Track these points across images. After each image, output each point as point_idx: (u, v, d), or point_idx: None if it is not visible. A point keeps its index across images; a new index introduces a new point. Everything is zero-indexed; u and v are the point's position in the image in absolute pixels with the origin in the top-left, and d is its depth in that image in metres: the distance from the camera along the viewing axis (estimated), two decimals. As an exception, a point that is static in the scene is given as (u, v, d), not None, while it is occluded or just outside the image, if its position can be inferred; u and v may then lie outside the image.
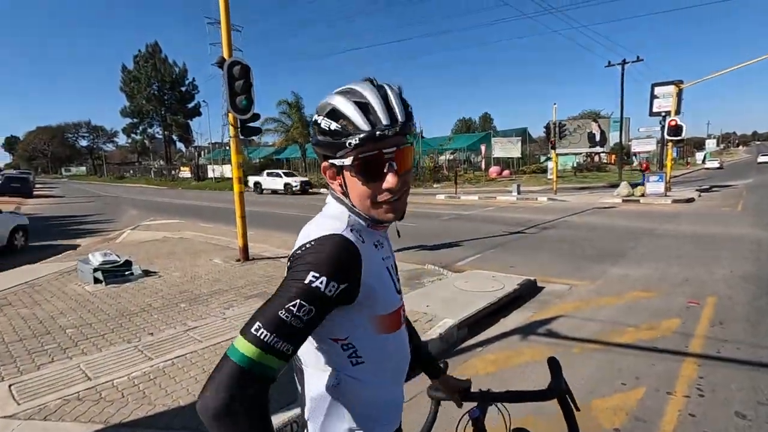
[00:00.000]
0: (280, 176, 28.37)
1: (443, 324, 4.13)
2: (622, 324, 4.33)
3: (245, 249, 7.36)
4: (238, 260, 7.30)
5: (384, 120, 0.82)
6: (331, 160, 0.87)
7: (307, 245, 0.82)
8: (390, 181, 0.84)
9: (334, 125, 0.83)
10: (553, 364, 1.13)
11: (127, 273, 6.19)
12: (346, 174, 0.87)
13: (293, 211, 16.88)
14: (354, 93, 0.85)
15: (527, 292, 5.41)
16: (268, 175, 29.06)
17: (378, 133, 0.81)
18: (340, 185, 0.89)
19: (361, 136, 0.81)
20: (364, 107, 0.83)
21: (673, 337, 3.95)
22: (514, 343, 3.99)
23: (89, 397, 2.96)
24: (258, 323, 0.73)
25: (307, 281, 0.76)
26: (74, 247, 10.03)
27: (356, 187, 0.87)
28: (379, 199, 0.87)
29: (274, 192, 27.82)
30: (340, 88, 0.88)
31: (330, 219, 0.88)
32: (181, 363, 3.47)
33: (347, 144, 0.82)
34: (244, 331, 0.74)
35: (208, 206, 20.87)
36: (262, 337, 0.72)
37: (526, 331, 4.25)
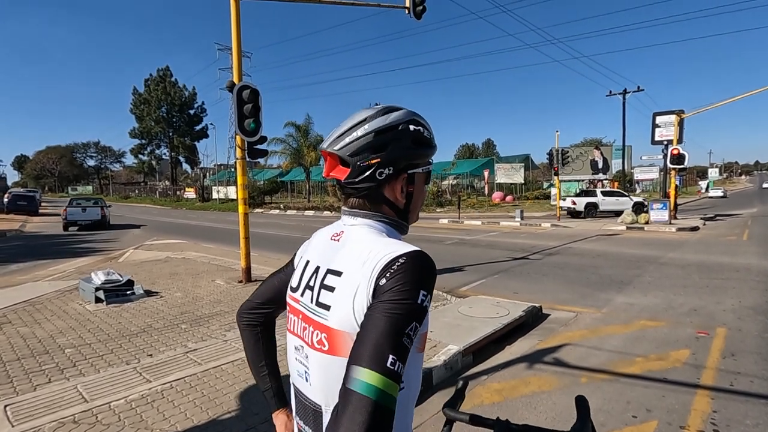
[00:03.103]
0: (623, 195, 21.66)
1: (447, 351, 4.05)
2: (630, 354, 4.24)
3: (248, 270, 7.33)
4: (241, 281, 7.26)
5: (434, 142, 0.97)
6: (413, 170, 0.92)
7: (401, 260, 0.77)
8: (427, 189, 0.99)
9: (431, 137, 0.94)
10: (581, 404, 1.02)
11: (128, 293, 6.16)
12: (418, 183, 0.95)
13: (297, 233, 16.89)
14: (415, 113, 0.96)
15: (532, 318, 5.33)
16: (606, 194, 22.03)
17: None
18: (406, 194, 0.93)
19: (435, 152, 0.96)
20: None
21: (683, 369, 3.86)
22: (521, 372, 3.89)
23: (85, 420, 2.89)
24: (389, 355, 0.66)
25: (419, 300, 0.73)
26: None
27: (421, 195, 0.96)
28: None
29: (615, 216, 19.98)
30: (397, 107, 0.94)
31: (390, 238, 0.88)
32: (180, 386, 3.40)
33: (431, 155, 0.94)
34: (372, 362, 0.65)
35: (212, 227, 20.93)
36: (394, 367, 0.66)
37: (532, 359, 4.16)
